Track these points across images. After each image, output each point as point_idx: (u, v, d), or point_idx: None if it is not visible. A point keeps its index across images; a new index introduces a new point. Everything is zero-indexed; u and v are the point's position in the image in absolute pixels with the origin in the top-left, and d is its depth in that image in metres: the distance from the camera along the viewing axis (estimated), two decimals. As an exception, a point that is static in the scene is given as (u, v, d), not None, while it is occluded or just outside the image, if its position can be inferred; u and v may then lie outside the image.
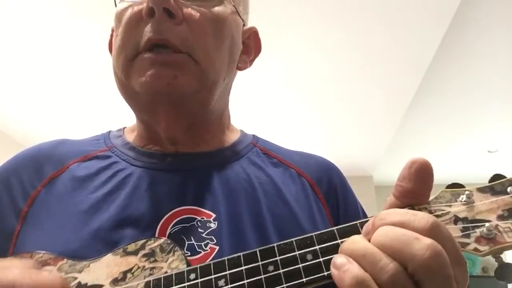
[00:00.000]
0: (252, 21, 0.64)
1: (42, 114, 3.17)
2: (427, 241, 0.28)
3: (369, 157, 4.02)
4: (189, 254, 0.46)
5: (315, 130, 3.50)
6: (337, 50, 2.46)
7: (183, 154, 0.56)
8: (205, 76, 0.51)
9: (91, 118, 3.10)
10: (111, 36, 0.59)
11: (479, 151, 4.17)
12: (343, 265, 0.30)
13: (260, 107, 3.09)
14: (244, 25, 0.60)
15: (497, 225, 0.30)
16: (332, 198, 0.57)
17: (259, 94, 2.91)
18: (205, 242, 0.47)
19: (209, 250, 0.46)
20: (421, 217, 0.29)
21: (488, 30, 2.39)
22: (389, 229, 0.30)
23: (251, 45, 0.62)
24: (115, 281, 0.42)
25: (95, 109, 2.99)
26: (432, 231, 0.28)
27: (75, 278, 0.43)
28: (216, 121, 0.59)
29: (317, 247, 0.34)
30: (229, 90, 0.61)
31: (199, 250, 0.46)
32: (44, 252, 0.45)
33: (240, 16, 0.58)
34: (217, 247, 0.47)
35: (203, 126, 0.57)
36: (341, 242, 0.33)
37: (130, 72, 0.50)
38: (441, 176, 1.84)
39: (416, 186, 0.33)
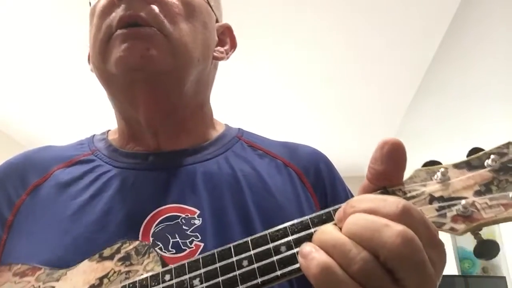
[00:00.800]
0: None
1: (43, 114, 3.19)
2: (397, 227, 0.26)
3: (368, 157, 3.94)
4: (174, 251, 0.46)
5: (315, 130, 3.49)
6: (336, 51, 2.46)
7: (165, 152, 0.56)
8: (177, 52, 0.51)
9: (92, 118, 3.10)
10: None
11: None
12: (310, 253, 0.29)
13: (258, 107, 3.10)
14: (217, 20, 0.61)
15: (473, 201, 0.28)
16: (320, 187, 0.56)
17: (258, 94, 2.92)
18: (190, 239, 0.46)
19: (194, 248, 0.46)
20: (391, 202, 0.28)
21: (488, 31, 2.39)
22: (359, 216, 0.29)
23: (226, 40, 0.63)
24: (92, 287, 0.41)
25: (96, 110, 2.98)
26: (402, 216, 0.27)
27: (53, 287, 0.43)
28: (196, 112, 0.59)
29: (291, 237, 0.33)
30: (208, 81, 0.61)
31: (184, 247, 0.46)
32: (21, 263, 0.44)
33: (212, 9, 0.59)
34: (202, 244, 0.46)
35: (182, 114, 0.57)
36: (315, 231, 0.32)
37: (106, 54, 0.51)
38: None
39: (388, 168, 0.32)
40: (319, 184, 0.56)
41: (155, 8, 0.50)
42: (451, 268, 2.56)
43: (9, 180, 0.54)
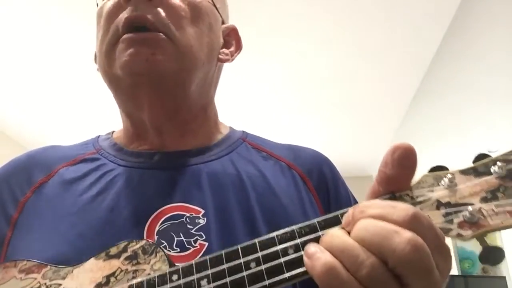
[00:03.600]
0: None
1: (43, 115, 3.18)
2: (407, 234, 0.27)
3: (369, 157, 4.01)
4: (178, 250, 0.46)
5: (315, 130, 3.50)
6: (336, 50, 2.46)
7: (170, 152, 0.56)
8: (182, 56, 0.51)
9: (92, 119, 3.10)
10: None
11: (479, 151, 4.14)
12: (315, 253, 0.30)
13: (259, 107, 3.09)
14: (223, 22, 0.62)
15: (480, 208, 0.29)
16: (323, 190, 0.56)
17: (259, 94, 2.91)
18: (194, 238, 0.47)
19: (198, 247, 0.46)
20: (400, 209, 0.28)
21: (488, 30, 2.39)
22: (369, 222, 0.29)
23: (231, 42, 0.64)
24: (98, 286, 0.42)
25: (96, 111, 2.98)
26: (412, 223, 0.28)
27: (59, 285, 0.43)
28: (201, 113, 0.60)
29: (299, 240, 0.33)
30: (212, 83, 0.61)
31: (189, 246, 0.46)
32: (27, 260, 0.44)
33: (218, 11, 0.59)
34: (206, 243, 0.46)
35: (187, 115, 0.57)
36: (323, 235, 0.32)
37: (112, 57, 0.51)
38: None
39: (399, 173, 0.32)
40: (322, 187, 0.57)
41: (161, 11, 0.51)
42: (451, 266, 2.56)
43: (14, 177, 0.54)
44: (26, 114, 3.18)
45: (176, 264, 0.39)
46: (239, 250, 0.35)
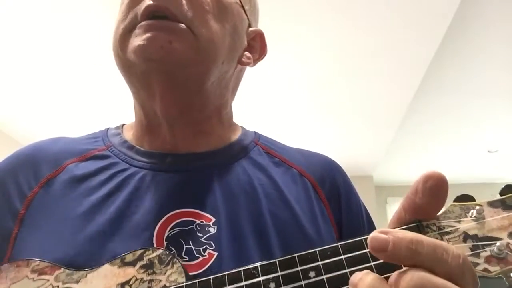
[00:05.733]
0: (260, 19, 0.64)
1: (42, 113, 3.17)
2: None
3: (369, 157, 4.01)
4: (187, 259, 0.45)
5: (315, 130, 3.49)
6: (336, 50, 2.45)
7: (183, 154, 0.55)
8: (202, 50, 0.49)
9: (91, 116, 3.09)
10: None
11: (479, 151, 4.17)
12: None
13: (262, 106, 3.08)
14: (250, 25, 0.60)
15: (508, 243, 0.28)
16: (334, 198, 0.56)
17: (260, 93, 2.90)
18: (204, 247, 0.46)
19: (208, 256, 0.45)
20: (453, 256, 0.27)
21: (488, 30, 2.38)
22: (424, 279, 0.26)
23: (256, 46, 0.62)
24: (112, 293, 0.41)
25: (95, 108, 2.98)
26: (463, 271, 0.27)
27: (72, 289, 0.43)
28: (215, 114, 0.58)
29: (320, 263, 0.33)
30: (229, 85, 0.59)
31: (197, 255, 0.45)
32: (40, 260, 0.44)
33: (245, 12, 0.57)
34: (216, 253, 0.45)
35: (199, 113, 0.56)
36: (345, 259, 0.32)
37: (126, 42, 0.49)
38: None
39: (429, 202, 0.31)
40: (333, 196, 0.56)
41: (185, 3, 0.49)
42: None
43: (21, 171, 0.52)
44: (26, 113, 3.15)
45: (193, 277, 0.39)
46: (259, 268, 0.35)
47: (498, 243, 0.29)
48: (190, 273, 0.42)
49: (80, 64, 2.50)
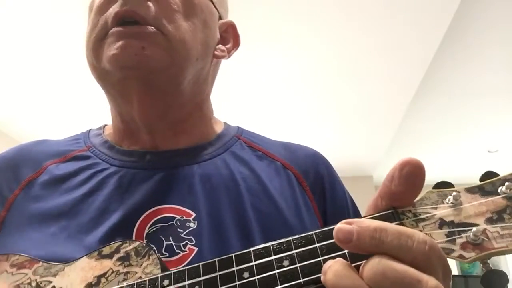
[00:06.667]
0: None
1: (42, 113, 3.17)
2: (431, 283, 0.25)
3: (369, 157, 4.00)
4: (167, 255, 0.45)
5: (315, 130, 3.48)
6: (336, 50, 2.44)
7: (162, 151, 0.55)
8: (174, 50, 0.49)
9: (91, 116, 3.09)
10: None
11: (479, 151, 4.16)
12: None
13: (259, 105, 3.08)
14: (220, 17, 0.59)
15: (485, 229, 0.27)
16: (319, 190, 0.55)
17: (258, 92, 2.90)
18: (184, 242, 0.46)
19: (188, 251, 0.45)
20: (418, 241, 0.26)
21: (488, 30, 2.38)
22: (386, 266, 0.26)
23: (229, 38, 0.61)
24: (89, 286, 0.41)
25: (95, 108, 2.97)
26: (430, 257, 0.26)
27: (50, 282, 0.42)
28: (195, 111, 0.58)
29: (294, 251, 0.32)
30: (207, 80, 0.59)
31: (178, 251, 0.45)
32: (20, 254, 0.44)
33: (214, 5, 0.57)
34: (196, 248, 0.45)
35: (179, 113, 0.55)
36: (319, 247, 0.31)
37: (99, 51, 0.49)
38: (441, 176, 1.82)
39: (405, 189, 0.30)
40: (318, 188, 0.55)
41: (152, 5, 0.49)
42: (451, 268, 2.58)
43: (2, 174, 0.53)
44: (25, 112, 3.16)
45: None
46: (233, 258, 0.34)
47: (474, 229, 0.28)
48: (170, 269, 0.42)
49: (80, 64, 2.49)
